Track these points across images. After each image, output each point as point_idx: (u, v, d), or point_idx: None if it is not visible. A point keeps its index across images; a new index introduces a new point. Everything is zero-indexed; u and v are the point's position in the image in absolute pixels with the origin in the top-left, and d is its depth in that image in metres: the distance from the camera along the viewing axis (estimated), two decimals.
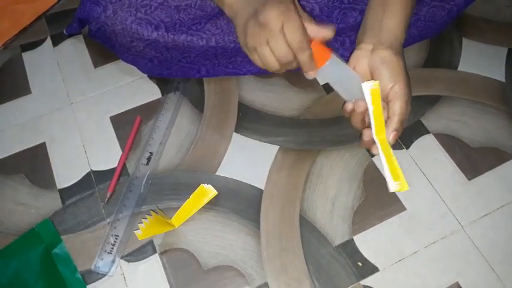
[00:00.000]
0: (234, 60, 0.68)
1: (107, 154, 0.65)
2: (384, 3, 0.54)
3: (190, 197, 0.58)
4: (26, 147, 0.66)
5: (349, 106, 0.52)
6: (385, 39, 0.53)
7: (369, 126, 0.51)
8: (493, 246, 0.56)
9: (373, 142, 0.51)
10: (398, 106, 0.50)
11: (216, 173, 0.63)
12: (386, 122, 0.51)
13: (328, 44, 0.52)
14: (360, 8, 0.63)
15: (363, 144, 0.53)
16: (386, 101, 0.51)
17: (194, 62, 0.68)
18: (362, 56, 0.52)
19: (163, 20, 0.63)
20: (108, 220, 0.59)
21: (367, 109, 0.51)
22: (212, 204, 0.59)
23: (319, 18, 0.65)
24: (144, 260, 0.57)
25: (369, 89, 0.50)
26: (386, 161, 0.50)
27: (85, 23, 0.69)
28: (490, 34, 0.75)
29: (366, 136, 0.52)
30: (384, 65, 0.51)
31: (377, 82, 0.50)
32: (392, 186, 0.49)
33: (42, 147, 0.66)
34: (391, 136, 0.50)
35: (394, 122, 0.50)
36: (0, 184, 0.63)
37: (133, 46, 0.66)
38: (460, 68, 0.72)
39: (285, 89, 0.70)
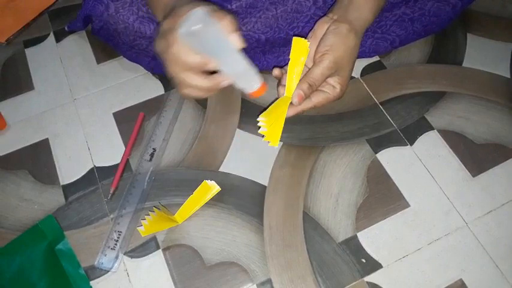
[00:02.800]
0: None
1: (110, 150, 0.65)
2: None
3: (194, 193, 0.58)
4: (29, 143, 0.66)
5: (275, 71, 0.53)
6: (350, 14, 0.54)
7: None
8: (497, 243, 0.56)
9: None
10: (314, 71, 0.51)
11: (219, 169, 0.63)
12: (299, 82, 0.51)
13: None
14: None
15: None
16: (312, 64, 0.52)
17: None
18: (325, 22, 0.53)
19: None
20: (111, 216, 0.59)
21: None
22: (215, 200, 0.59)
23: (322, 11, 0.65)
24: (148, 256, 0.57)
25: (293, 39, 0.51)
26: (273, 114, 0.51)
27: (89, 21, 0.69)
28: (495, 30, 0.75)
29: (280, 92, 0.53)
30: (332, 34, 0.52)
31: (305, 40, 0.51)
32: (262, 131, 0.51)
33: (45, 143, 0.66)
34: (296, 96, 0.50)
35: (303, 82, 0.50)
36: (3, 180, 0.63)
37: (137, 44, 0.66)
38: (464, 64, 0.71)
39: None
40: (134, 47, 0.67)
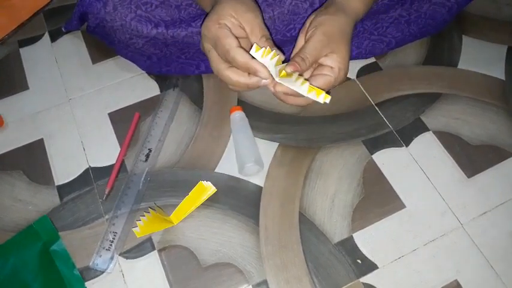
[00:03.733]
0: None
1: (105, 150, 0.64)
2: None
3: (189, 194, 0.58)
4: (23, 144, 0.66)
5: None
6: (339, 2, 0.55)
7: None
8: (492, 244, 0.56)
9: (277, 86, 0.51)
10: (305, 45, 0.51)
11: (215, 170, 0.62)
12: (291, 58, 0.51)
13: None
14: None
15: (278, 97, 0.53)
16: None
17: (193, 58, 0.67)
18: (315, 13, 0.54)
19: (163, 19, 0.63)
20: (106, 217, 0.59)
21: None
22: (211, 201, 0.59)
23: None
24: (143, 257, 0.56)
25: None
26: (300, 84, 0.49)
27: (84, 19, 0.69)
28: (490, 32, 0.75)
29: (271, 88, 0.52)
30: (319, 15, 0.53)
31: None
32: (320, 98, 0.49)
33: (40, 143, 0.66)
34: (291, 65, 0.49)
35: (295, 56, 0.51)
36: None
37: (133, 43, 0.65)
38: (460, 66, 0.71)
39: None
40: (130, 46, 0.66)
